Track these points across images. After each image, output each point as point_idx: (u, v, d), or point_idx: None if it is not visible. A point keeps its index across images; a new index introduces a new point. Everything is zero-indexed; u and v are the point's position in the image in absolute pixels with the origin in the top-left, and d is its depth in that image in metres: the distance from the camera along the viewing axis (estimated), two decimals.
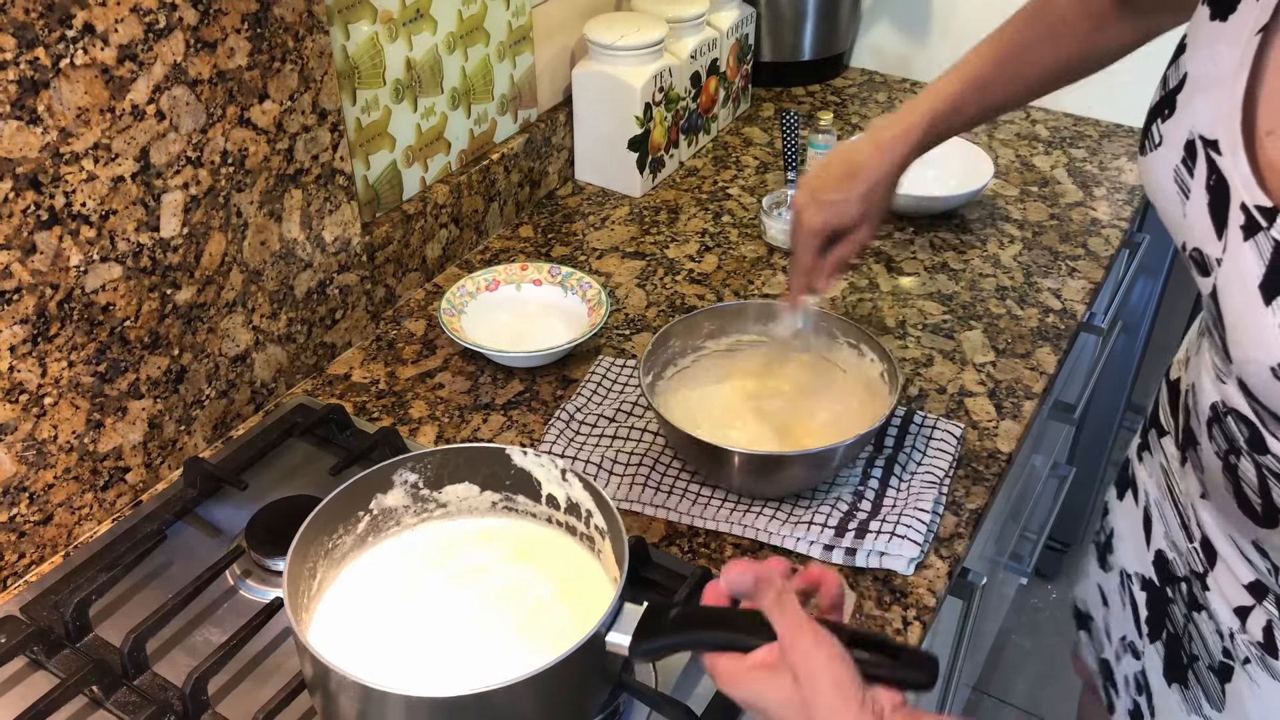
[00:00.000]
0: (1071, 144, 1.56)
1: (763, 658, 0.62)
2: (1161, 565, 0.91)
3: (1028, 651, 2.03)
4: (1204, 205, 0.68)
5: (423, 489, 0.84)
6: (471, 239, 1.33)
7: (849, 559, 0.91)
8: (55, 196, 0.83)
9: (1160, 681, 0.93)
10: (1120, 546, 0.99)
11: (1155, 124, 0.73)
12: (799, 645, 0.60)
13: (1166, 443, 0.90)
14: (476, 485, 0.85)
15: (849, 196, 0.90)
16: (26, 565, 0.90)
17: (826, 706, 0.59)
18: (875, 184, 0.90)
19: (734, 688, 0.63)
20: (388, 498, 0.83)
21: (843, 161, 0.91)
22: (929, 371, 1.14)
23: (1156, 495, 0.92)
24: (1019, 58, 0.90)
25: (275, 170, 1.00)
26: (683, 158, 1.52)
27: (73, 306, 0.87)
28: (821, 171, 0.92)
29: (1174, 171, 0.70)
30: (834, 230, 0.92)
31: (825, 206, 0.91)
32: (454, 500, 0.85)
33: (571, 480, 0.81)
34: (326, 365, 1.15)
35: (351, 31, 1.08)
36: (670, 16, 1.40)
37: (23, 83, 0.78)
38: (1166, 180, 0.71)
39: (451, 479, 0.84)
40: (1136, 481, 0.96)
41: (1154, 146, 0.73)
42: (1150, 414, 0.96)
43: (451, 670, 0.75)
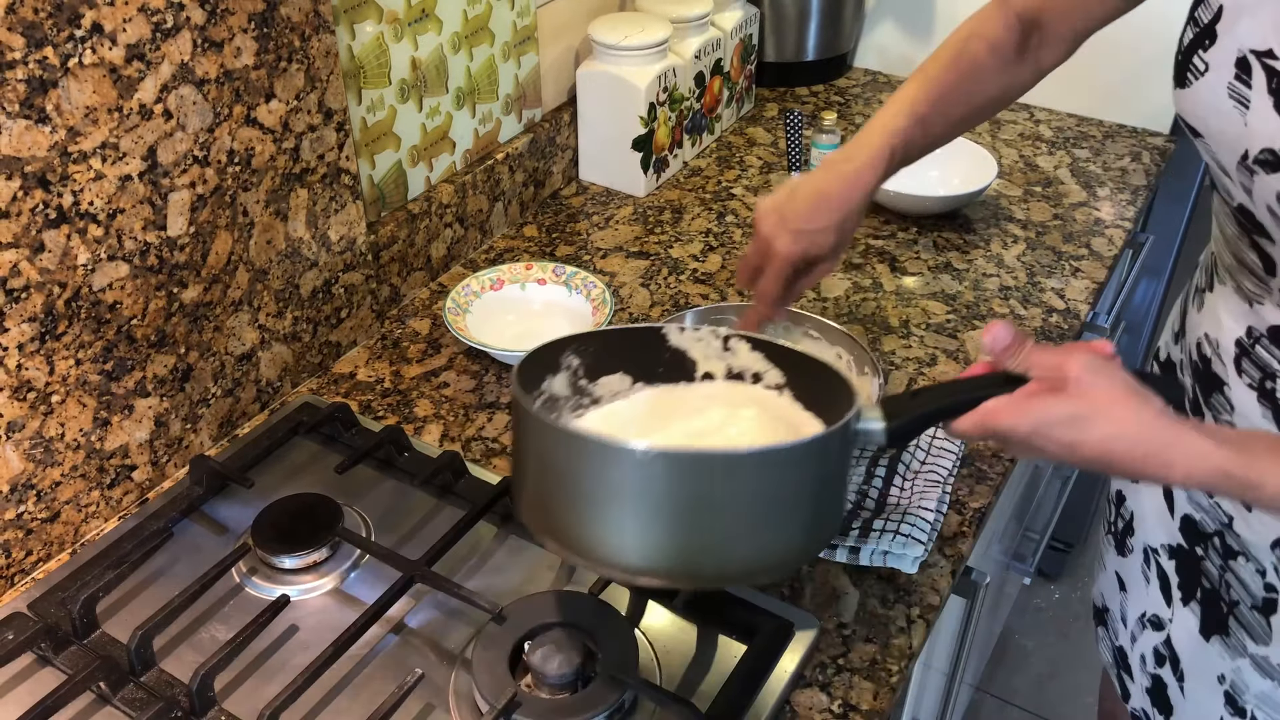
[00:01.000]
0: (1075, 144, 1.56)
1: (1035, 387, 0.68)
2: (1189, 528, 0.96)
3: (1030, 651, 2.03)
4: (1269, 107, 0.73)
5: (581, 378, 0.83)
6: (476, 238, 1.33)
7: (853, 558, 0.91)
8: (63, 195, 0.83)
9: (1194, 642, 0.98)
10: (1141, 526, 1.03)
11: (1196, 56, 0.78)
12: (1076, 359, 0.66)
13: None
14: (630, 376, 0.84)
15: (824, 225, 0.90)
16: (34, 563, 0.91)
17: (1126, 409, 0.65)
18: (849, 213, 0.90)
19: (1015, 419, 0.67)
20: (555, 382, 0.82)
21: (812, 191, 0.91)
22: (933, 371, 1.14)
23: None
24: (947, 98, 0.94)
25: (281, 169, 1.01)
26: (686, 158, 1.52)
27: (80, 305, 0.87)
28: (789, 201, 0.91)
29: (1228, 89, 0.75)
30: (806, 260, 0.92)
31: (801, 236, 0.90)
32: (606, 393, 0.85)
33: (736, 346, 0.81)
34: (332, 364, 1.15)
35: (357, 31, 1.09)
36: (674, 16, 1.41)
37: (31, 82, 0.78)
38: (1221, 99, 0.76)
39: (607, 369, 0.83)
40: None
41: (1199, 75, 0.78)
42: None
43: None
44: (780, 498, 0.68)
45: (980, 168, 1.40)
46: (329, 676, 0.80)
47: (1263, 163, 0.74)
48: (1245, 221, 0.80)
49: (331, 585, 0.89)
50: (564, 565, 0.91)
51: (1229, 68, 0.75)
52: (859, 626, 0.87)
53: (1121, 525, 1.07)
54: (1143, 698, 1.06)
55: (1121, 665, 1.09)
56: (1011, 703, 1.93)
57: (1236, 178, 0.78)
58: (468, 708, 0.79)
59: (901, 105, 0.92)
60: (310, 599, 0.88)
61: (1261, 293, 0.81)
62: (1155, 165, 1.51)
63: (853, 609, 0.88)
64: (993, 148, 1.54)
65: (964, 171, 1.41)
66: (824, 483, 0.71)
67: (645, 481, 0.66)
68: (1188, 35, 0.80)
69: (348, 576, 0.90)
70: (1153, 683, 1.03)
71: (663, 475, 0.65)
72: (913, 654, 0.85)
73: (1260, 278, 0.80)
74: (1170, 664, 1.01)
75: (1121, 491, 1.08)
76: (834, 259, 0.93)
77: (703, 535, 0.67)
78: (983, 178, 1.38)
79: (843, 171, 0.90)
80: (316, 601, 0.88)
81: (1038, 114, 1.64)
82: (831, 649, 0.85)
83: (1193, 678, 0.99)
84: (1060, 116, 1.63)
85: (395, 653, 0.84)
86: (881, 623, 0.87)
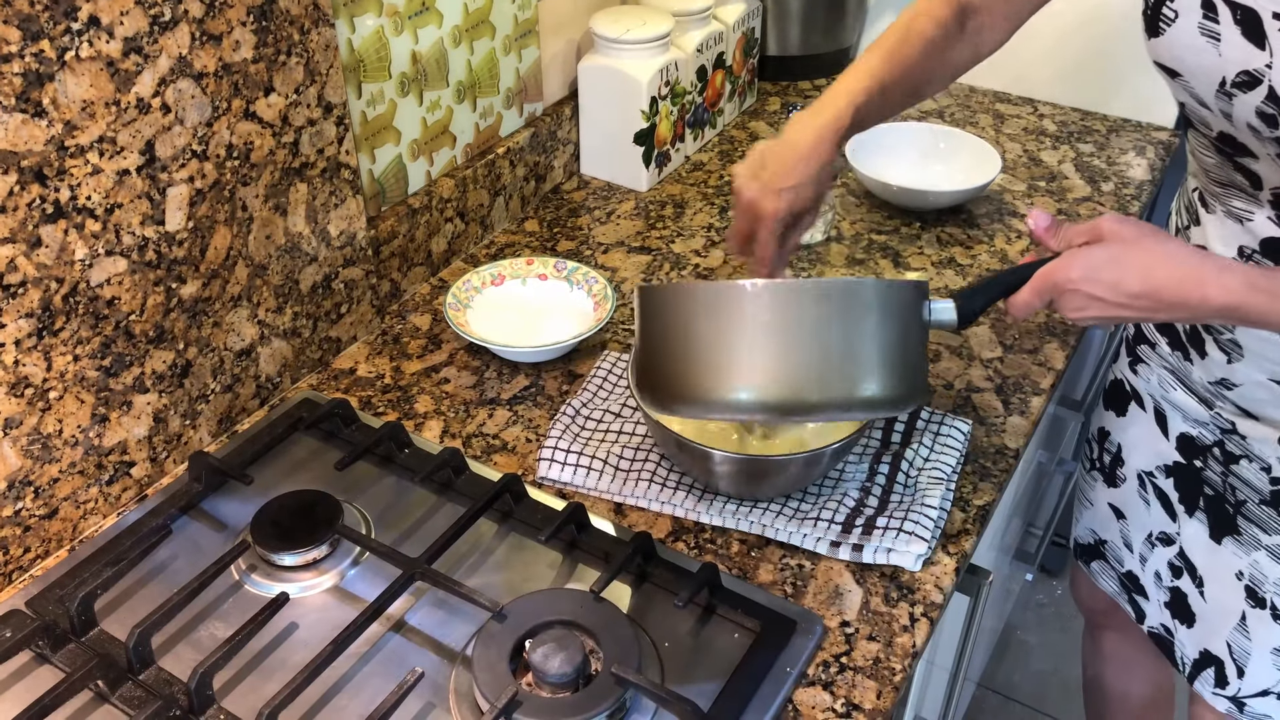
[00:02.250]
0: (1079, 139, 1.55)
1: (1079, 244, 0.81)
2: (1187, 444, 1.08)
3: (1033, 647, 2.02)
4: (1238, 36, 0.81)
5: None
6: (477, 233, 1.32)
7: (856, 555, 0.91)
8: (60, 190, 0.82)
9: (1206, 546, 1.08)
10: (1132, 455, 1.16)
11: (1164, 6, 0.86)
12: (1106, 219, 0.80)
13: (1161, 347, 1.10)
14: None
15: (804, 179, 0.94)
16: (32, 560, 0.90)
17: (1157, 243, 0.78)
18: (823, 164, 0.94)
19: (1066, 268, 0.79)
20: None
21: (784, 150, 0.95)
22: (936, 367, 1.13)
23: (1162, 391, 1.10)
24: (905, 67, 0.98)
25: (280, 164, 1.00)
26: (688, 152, 1.51)
27: (78, 300, 0.86)
28: (764, 165, 0.95)
29: (1199, 28, 0.84)
30: (794, 215, 0.96)
31: (786, 192, 0.94)
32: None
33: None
34: (331, 360, 1.14)
35: (357, 24, 1.08)
36: (676, 10, 1.40)
37: (28, 75, 0.78)
38: (1193, 38, 0.85)
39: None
40: (1138, 391, 1.15)
41: (1170, 22, 0.86)
42: (1134, 334, 1.15)
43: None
44: (864, 332, 0.79)
45: (984, 162, 1.40)
46: (329, 675, 0.80)
47: (1240, 84, 0.83)
48: (1226, 147, 0.89)
49: (331, 583, 0.89)
50: (565, 563, 0.90)
51: (1196, 11, 0.84)
52: (862, 624, 0.86)
53: (1109, 458, 1.19)
54: (1161, 613, 1.15)
55: (1133, 588, 1.18)
56: (1014, 699, 1.92)
57: (1216, 106, 0.86)
58: (468, 706, 0.78)
59: (861, 72, 0.97)
60: (310, 596, 0.88)
61: (1252, 208, 0.91)
62: (1159, 160, 1.51)
63: (856, 607, 0.88)
64: (996, 142, 1.53)
65: (968, 166, 1.40)
66: (902, 331, 0.81)
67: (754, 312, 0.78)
68: None
69: (347, 574, 0.90)
70: (1171, 596, 1.12)
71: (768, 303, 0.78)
72: (916, 652, 0.85)
73: (1250, 194, 0.90)
74: (1188, 573, 1.10)
75: (1104, 428, 1.20)
76: (815, 211, 0.98)
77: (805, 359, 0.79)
78: (987, 172, 1.38)
79: (812, 125, 0.95)
80: (316, 599, 0.88)
81: (1041, 108, 1.63)
82: (834, 647, 0.85)
83: (1211, 581, 1.08)
84: (1064, 110, 1.62)
85: (395, 651, 0.84)
86: (885, 620, 0.87)
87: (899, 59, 0.98)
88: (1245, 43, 0.82)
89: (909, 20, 1.01)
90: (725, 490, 0.96)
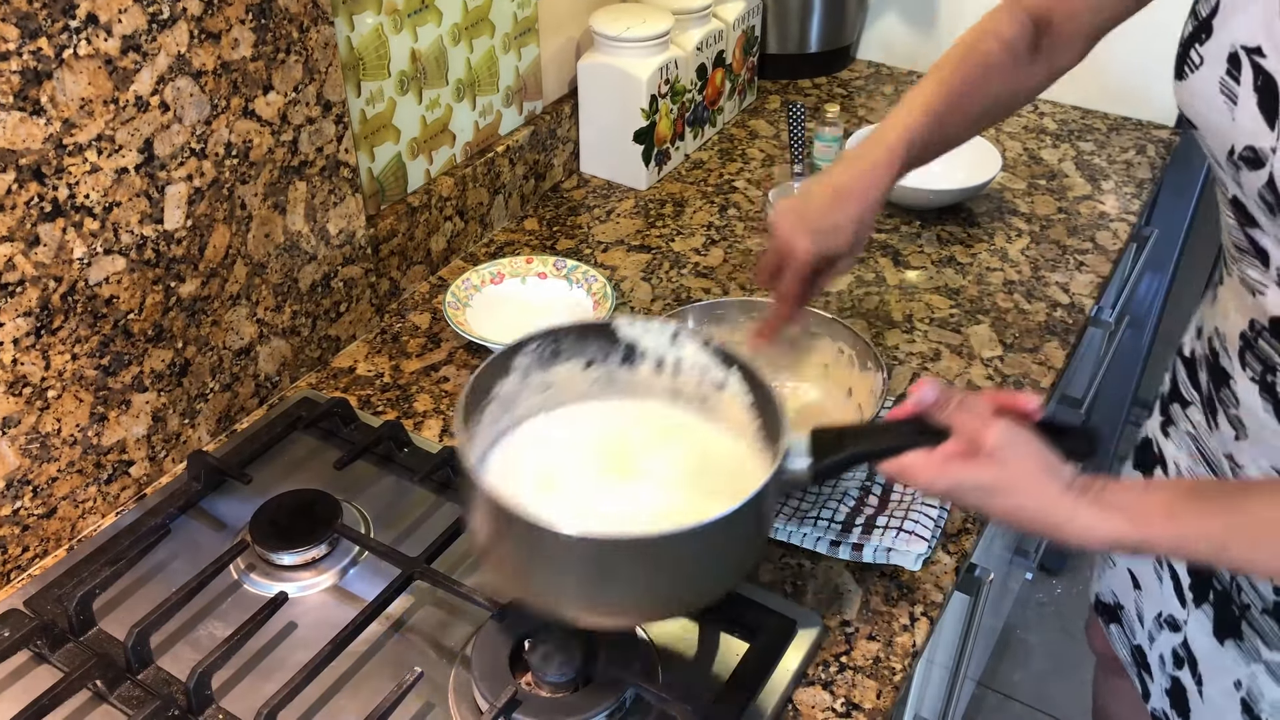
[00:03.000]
0: (1079, 137, 1.55)
1: (953, 449, 0.70)
2: None
3: (1033, 646, 2.02)
4: (1254, 105, 0.75)
5: (534, 372, 0.83)
6: (476, 232, 1.32)
7: (856, 555, 0.91)
8: (59, 188, 0.82)
9: (1209, 643, 0.97)
10: None
11: (1193, 49, 0.80)
12: (993, 430, 0.69)
13: (1192, 412, 0.96)
14: (580, 364, 0.85)
15: (842, 222, 0.89)
16: (30, 559, 0.90)
17: (1031, 480, 0.68)
18: (866, 208, 0.90)
19: (932, 479, 0.70)
20: (507, 383, 0.82)
21: (828, 190, 0.91)
22: (936, 366, 1.13)
23: (1188, 463, 0.97)
24: (961, 95, 0.93)
25: (279, 162, 1.00)
26: (688, 150, 1.51)
27: (76, 299, 0.86)
28: (805, 199, 0.91)
29: (1219, 83, 0.77)
30: (826, 259, 0.91)
31: (820, 235, 0.90)
32: (559, 381, 0.84)
33: (683, 340, 0.82)
34: (331, 358, 1.14)
35: (356, 22, 1.08)
36: (676, 8, 1.40)
37: (26, 73, 0.77)
38: (1213, 93, 0.78)
39: (559, 359, 0.84)
40: (1165, 455, 1.02)
41: (1195, 68, 0.79)
42: (1168, 392, 1.02)
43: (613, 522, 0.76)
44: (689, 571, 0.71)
45: (984, 161, 1.39)
46: (328, 674, 0.80)
47: (1246, 160, 0.76)
48: (1238, 214, 0.82)
49: (330, 582, 0.89)
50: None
51: (1221, 62, 0.77)
52: (862, 624, 0.86)
53: None
54: (1162, 699, 1.05)
55: (1140, 664, 1.08)
56: (1014, 698, 1.92)
57: (1227, 171, 0.79)
58: (467, 706, 0.78)
59: (915, 103, 0.91)
60: (309, 596, 0.88)
61: (1263, 282, 0.82)
62: (1160, 158, 1.50)
63: (856, 606, 0.88)
64: (997, 140, 1.53)
65: (968, 164, 1.40)
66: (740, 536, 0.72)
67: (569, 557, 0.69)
68: (1188, 28, 0.81)
69: (346, 573, 0.90)
70: (1172, 684, 1.02)
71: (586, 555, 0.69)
72: (916, 652, 0.85)
73: (1262, 267, 0.81)
74: (1189, 666, 1.00)
75: None
76: (852, 256, 0.93)
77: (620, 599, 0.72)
78: (987, 171, 1.37)
79: (859, 169, 0.90)
80: (315, 598, 0.88)
81: (1042, 106, 1.63)
82: (834, 647, 0.85)
83: (1210, 682, 0.98)
84: (1064, 109, 1.62)
85: (394, 650, 0.83)
86: (885, 620, 0.87)
87: (957, 87, 0.92)
88: (1258, 114, 0.75)
89: (972, 41, 0.94)
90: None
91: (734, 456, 0.81)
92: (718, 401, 0.83)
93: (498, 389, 0.81)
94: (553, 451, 0.82)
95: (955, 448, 0.70)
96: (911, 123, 0.90)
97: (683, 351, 0.83)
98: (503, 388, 0.81)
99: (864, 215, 0.90)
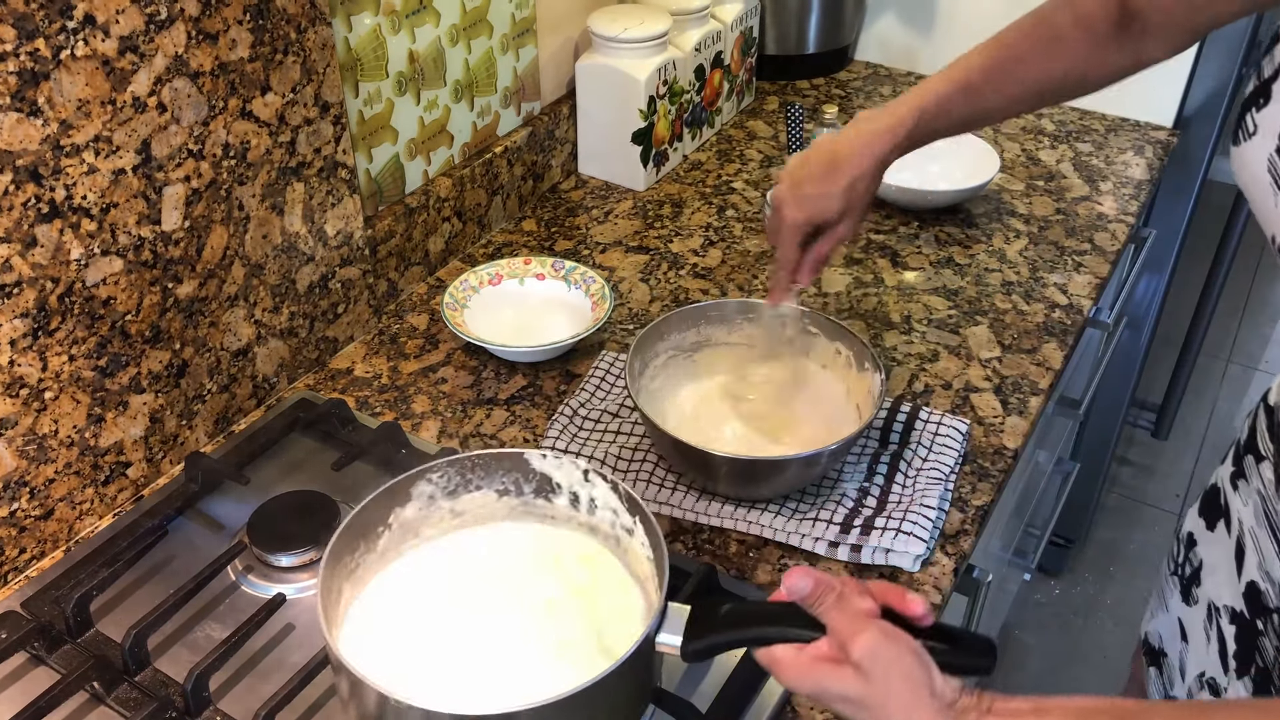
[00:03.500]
0: (1077, 138, 1.55)
1: (823, 651, 0.63)
2: (1253, 596, 0.87)
3: (1031, 647, 2.02)
4: None
5: (440, 500, 0.83)
6: (474, 233, 1.32)
7: (854, 556, 0.91)
8: (56, 189, 0.82)
9: None
10: (1210, 579, 0.93)
11: (1250, 113, 0.71)
12: (861, 640, 0.60)
13: (1265, 469, 0.86)
14: (494, 493, 0.84)
15: (831, 190, 0.89)
16: (27, 560, 0.90)
17: (898, 702, 0.59)
18: (857, 178, 0.89)
19: (796, 680, 0.63)
20: (406, 510, 0.82)
21: (826, 154, 0.90)
22: (934, 367, 1.13)
23: (1252, 523, 0.87)
24: (1012, 67, 0.89)
25: (277, 163, 1.00)
26: (686, 151, 1.51)
27: (73, 300, 0.86)
28: (803, 164, 0.91)
29: (1268, 160, 0.69)
30: (815, 225, 0.91)
31: (807, 201, 0.90)
32: (471, 509, 0.84)
33: (595, 480, 0.81)
34: (329, 359, 1.14)
35: (354, 23, 1.08)
36: (674, 9, 1.40)
37: (23, 74, 0.77)
38: (1260, 170, 0.70)
39: (469, 488, 0.83)
40: (1230, 510, 0.91)
41: (1248, 136, 0.71)
42: (1245, 440, 0.91)
43: (480, 683, 0.75)
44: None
45: (982, 162, 1.40)
46: (325, 676, 0.79)
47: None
48: None
49: None
50: None
51: (1273, 138, 0.69)
52: None
53: (1189, 571, 0.96)
54: None
55: None
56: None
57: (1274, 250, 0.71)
58: None
59: (954, 70, 0.88)
60: (306, 597, 0.87)
61: None
62: (1158, 159, 1.51)
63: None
64: (995, 141, 1.53)
65: (966, 165, 1.40)
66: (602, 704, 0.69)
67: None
68: (1250, 85, 0.73)
69: None
70: None
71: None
72: None
73: None
74: None
75: (1194, 535, 0.95)
76: (848, 223, 0.91)
77: None
78: (985, 172, 1.37)
79: (859, 132, 0.89)
80: (312, 600, 0.87)
81: None
82: None
83: None
84: (1062, 110, 1.62)
85: None
86: None
87: (1005, 61, 0.87)
88: None
89: (1047, 11, 0.88)
90: (724, 491, 0.96)
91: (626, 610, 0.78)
92: (628, 544, 0.81)
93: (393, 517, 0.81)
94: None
95: (825, 650, 0.63)
96: (935, 89, 0.88)
97: (595, 491, 0.81)
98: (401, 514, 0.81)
99: (854, 185, 0.88)
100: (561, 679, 0.68)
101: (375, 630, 0.78)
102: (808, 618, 0.64)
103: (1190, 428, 2.47)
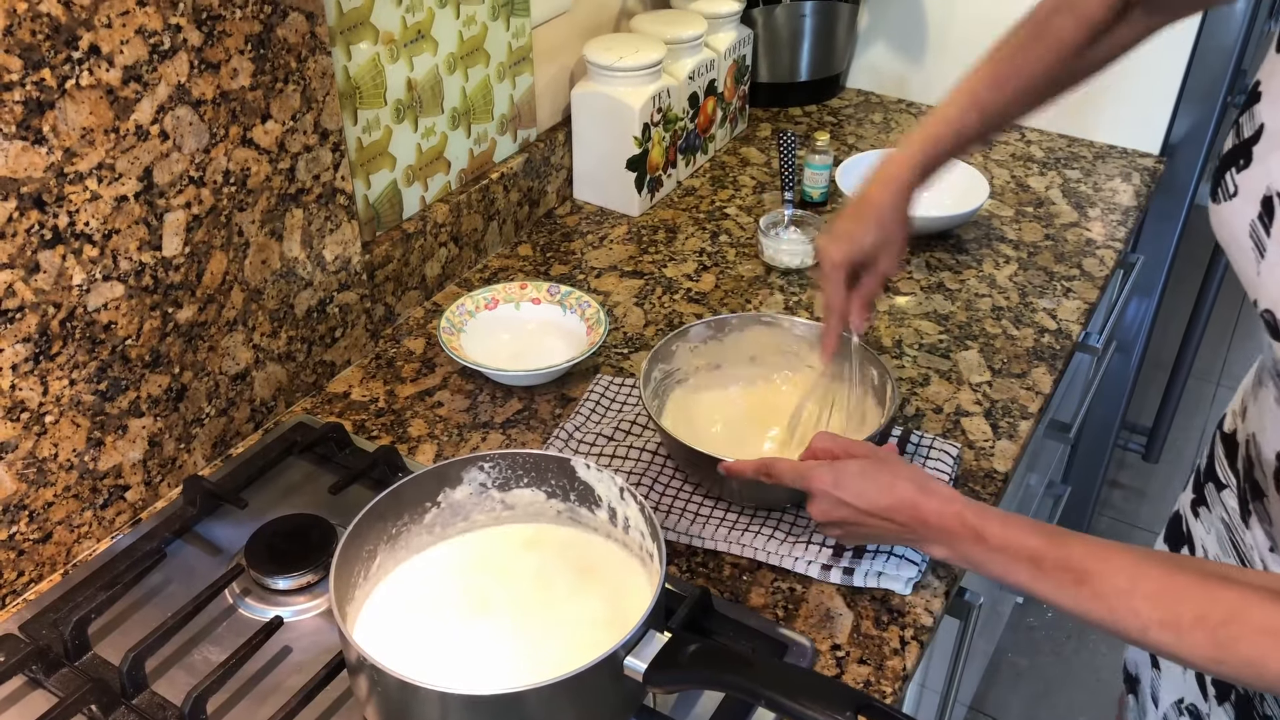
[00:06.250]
0: (1066, 165, 1.57)
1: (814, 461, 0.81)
2: None
3: (1023, 670, 2.03)
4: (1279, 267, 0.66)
5: (491, 489, 0.87)
6: (471, 258, 1.33)
7: (847, 579, 0.91)
8: (59, 216, 0.83)
9: None
10: None
11: (1229, 173, 0.71)
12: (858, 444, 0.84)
13: (1227, 496, 0.87)
14: (543, 493, 0.88)
15: (862, 227, 0.93)
16: (25, 583, 0.90)
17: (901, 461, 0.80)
18: (884, 210, 0.93)
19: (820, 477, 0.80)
20: (456, 493, 0.87)
21: (857, 195, 0.95)
22: (925, 391, 1.14)
23: (1216, 550, 0.89)
24: (1016, 77, 0.92)
25: (277, 190, 1.01)
26: (680, 177, 1.53)
27: (75, 325, 0.87)
28: (839, 214, 0.96)
29: (1250, 226, 0.68)
30: (855, 263, 0.94)
31: (842, 240, 0.94)
32: (521, 504, 0.88)
33: (628, 499, 0.84)
34: (326, 384, 1.15)
35: (353, 52, 1.09)
36: (668, 38, 1.41)
37: (28, 103, 0.79)
38: (1241, 234, 0.69)
39: (519, 484, 0.87)
40: (1193, 537, 0.93)
41: (1228, 196, 0.71)
42: (1205, 468, 0.92)
43: (484, 670, 0.78)
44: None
45: (972, 188, 1.41)
46: (322, 698, 0.80)
47: (1267, 323, 0.68)
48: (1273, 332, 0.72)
49: (325, 606, 0.89)
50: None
51: (1255, 202, 0.68)
52: (853, 648, 0.87)
53: None
54: None
55: None
56: None
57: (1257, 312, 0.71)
58: None
59: (959, 94, 0.92)
60: (303, 620, 0.88)
61: None
62: (1146, 186, 1.53)
63: (846, 630, 0.88)
64: (984, 168, 1.55)
65: (956, 192, 1.41)
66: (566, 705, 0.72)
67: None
68: (1229, 142, 0.72)
69: None
70: None
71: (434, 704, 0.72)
72: (906, 675, 0.85)
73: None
74: None
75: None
76: (887, 258, 0.95)
77: None
78: (975, 198, 1.39)
79: (881, 173, 0.94)
80: (310, 623, 0.88)
81: (1029, 134, 1.65)
82: (825, 670, 0.85)
83: None
84: (1051, 137, 1.64)
85: None
86: (875, 644, 0.87)
87: (1013, 73, 0.90)
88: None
89: (1045, 17, 0.90)
90: (737, 497, 0.97)
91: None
92: (652, 569, 0.83)
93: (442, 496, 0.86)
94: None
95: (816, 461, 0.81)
96: (942, 118, 0.92)
97: (628, 510, 0.85)
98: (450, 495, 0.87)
99: (883, 217, 0.93)
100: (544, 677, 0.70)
101: (401, 601, 0.83)
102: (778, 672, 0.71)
103: (1181, 451, 2.48)
